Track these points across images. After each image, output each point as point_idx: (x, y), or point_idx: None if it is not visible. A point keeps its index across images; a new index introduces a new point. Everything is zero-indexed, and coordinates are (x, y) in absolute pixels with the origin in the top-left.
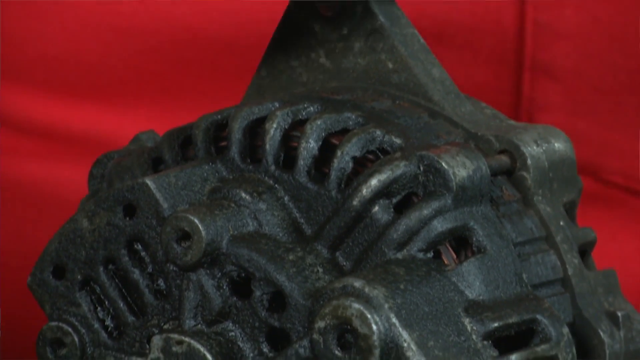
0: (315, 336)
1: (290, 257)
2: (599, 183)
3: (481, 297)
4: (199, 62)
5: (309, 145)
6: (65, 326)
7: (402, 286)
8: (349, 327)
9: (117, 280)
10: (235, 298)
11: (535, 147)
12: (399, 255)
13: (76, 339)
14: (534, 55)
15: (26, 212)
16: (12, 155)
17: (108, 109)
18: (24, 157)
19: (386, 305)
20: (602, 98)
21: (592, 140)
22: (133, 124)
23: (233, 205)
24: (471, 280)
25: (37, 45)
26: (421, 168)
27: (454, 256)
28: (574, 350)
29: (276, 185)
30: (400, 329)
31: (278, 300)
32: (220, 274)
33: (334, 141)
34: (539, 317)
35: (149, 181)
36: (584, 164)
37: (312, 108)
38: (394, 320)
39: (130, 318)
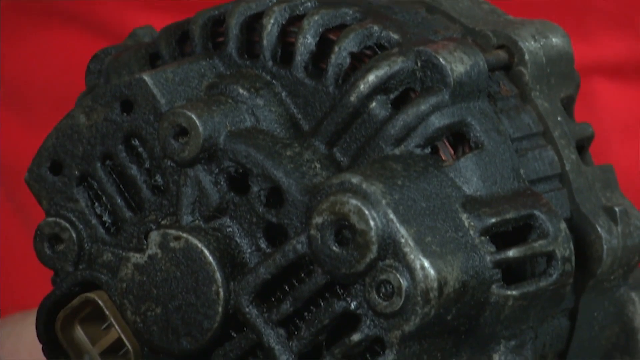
0: (312, 232)
1: (288, 153)
2: None
3: (479, 193)
4: None
5: (307, 41)
6: (62, 222)
7: (399, 182)
8: (346, 223)
9: (114, 176)
10: (232, 194)
11: (532, 42)
12: (397, 151)
13: (74, 235)
14: None
15: None
16: None
17: None
18: None
19: (383, 201)
20: None
21: None
22: None
23: (230, 101)
24: (469, 176)
25: None
26: (419, 64)
27: (452, 152)
28: (572, 246)
29: (273, 81)
30: (397, 224)
31: (275, 196)
32: (217, 169)
33: (332, 37)
34: (536, 212)
35: (146, 77)
36: None
37: (309, 4)
38: (392, 216)
39: (128, 214)
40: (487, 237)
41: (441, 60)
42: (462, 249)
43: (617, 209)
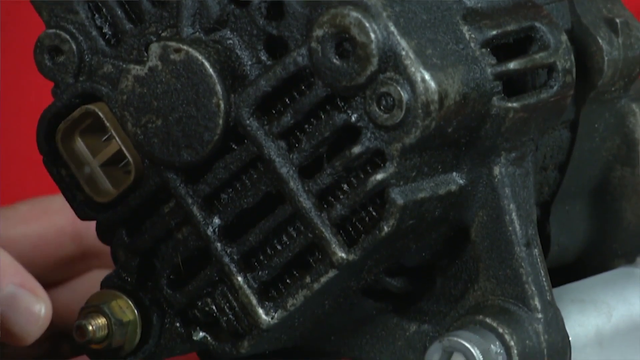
0: (313, 44)
1: None
2: None
3: (479, 5)
4: None
5: None
6: (63, 33)
7: None
8: (347, 35)
9: None
10: (233, 5)
11: None
12: None
13: (74, 47)
14: None
15: None
16: None
17: None
18: None
19: (384, 14)
20: None
21: None
22: None
23: None
24: None
25: None
26: None
27: None
28: (572, 57)
29: None
30: (398, 37)
31: (276, 8)
32: None
33: None
34: (537, 24)
35: None
36: None
37: None
38: (392, 28)
39: (128, 25)
40: (488, 50)
41: None
42: (462, 61)
43: (618, 20)
